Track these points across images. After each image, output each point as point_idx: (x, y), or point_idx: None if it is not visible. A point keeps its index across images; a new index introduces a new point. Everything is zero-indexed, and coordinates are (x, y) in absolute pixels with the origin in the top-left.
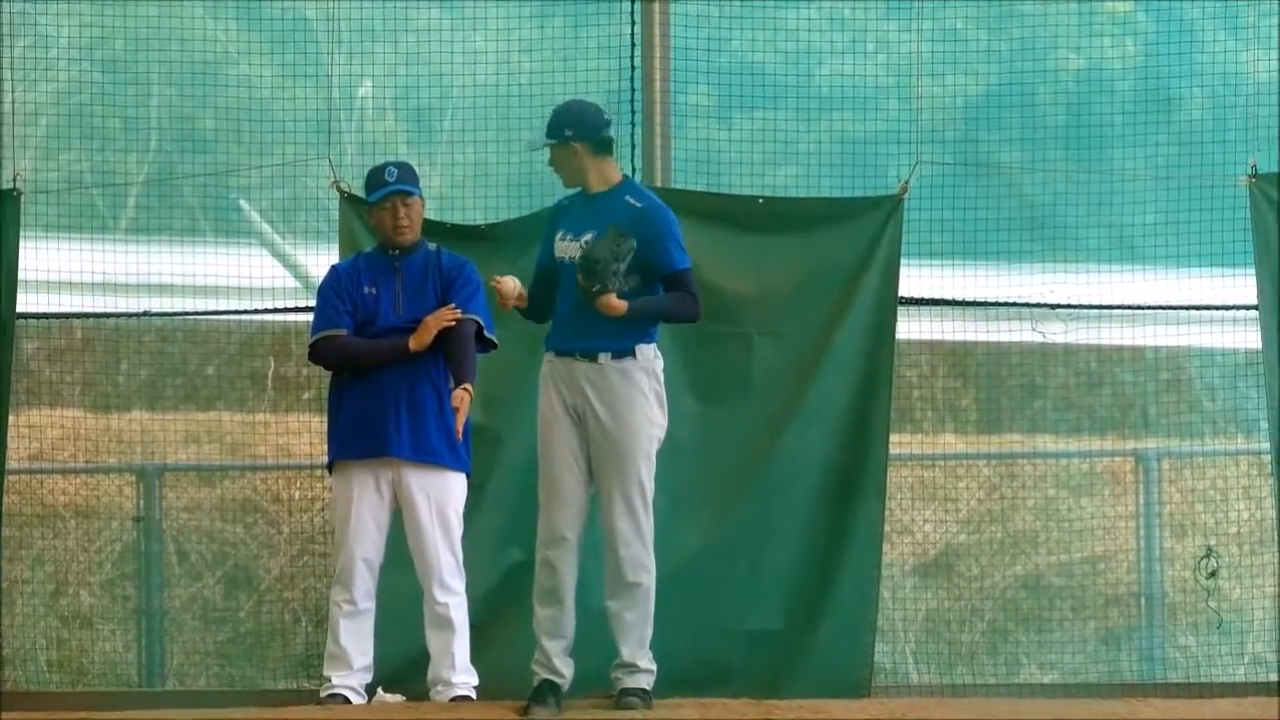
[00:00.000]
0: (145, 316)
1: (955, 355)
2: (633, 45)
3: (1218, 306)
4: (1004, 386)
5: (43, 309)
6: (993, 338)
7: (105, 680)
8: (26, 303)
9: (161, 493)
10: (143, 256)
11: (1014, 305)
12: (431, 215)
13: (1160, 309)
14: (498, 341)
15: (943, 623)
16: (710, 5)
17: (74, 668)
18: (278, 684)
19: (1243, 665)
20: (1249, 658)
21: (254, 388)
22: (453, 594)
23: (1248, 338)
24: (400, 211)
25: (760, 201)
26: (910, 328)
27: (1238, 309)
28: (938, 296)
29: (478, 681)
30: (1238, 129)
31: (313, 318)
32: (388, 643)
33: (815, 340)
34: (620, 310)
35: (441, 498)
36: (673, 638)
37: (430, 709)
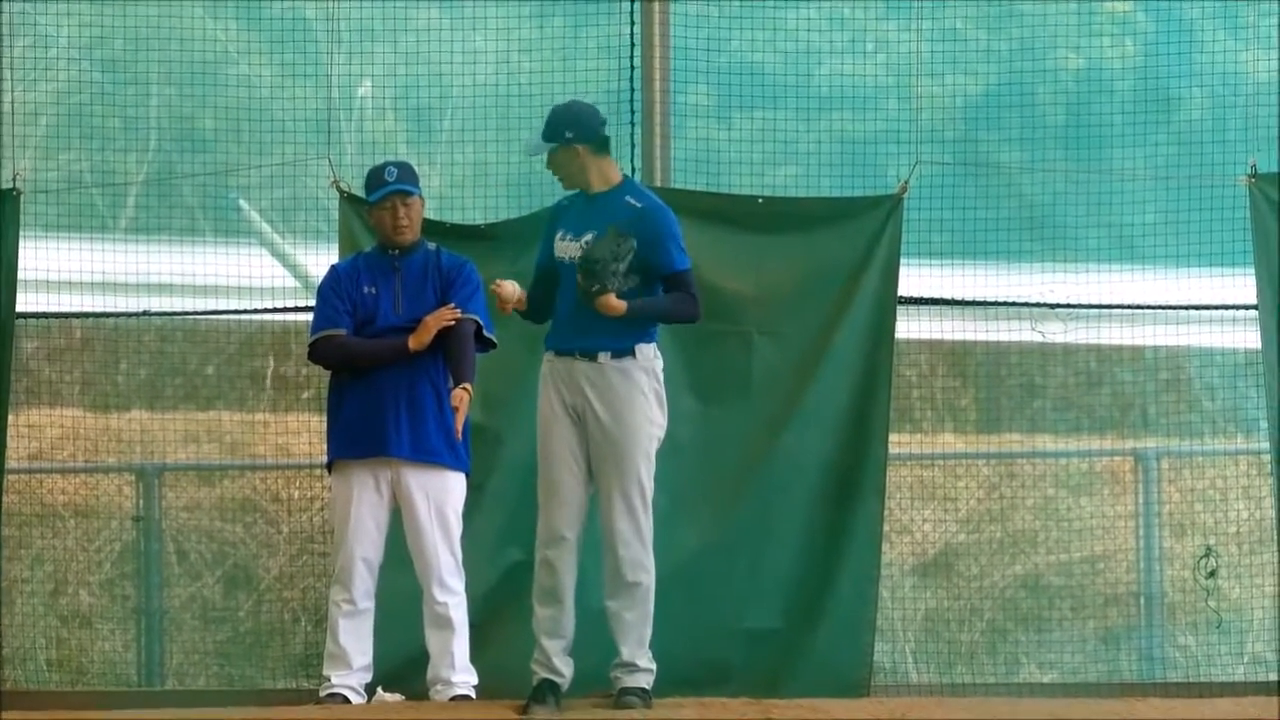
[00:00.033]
0: (145, 316)
1: (954, 355)
2: (632, 45)
3: (1217, 306)
4: (1003, 386)
5: (42, 308)
6: (992, 337)
7: (105, 680)
8: (26, 302)
9: (161, 492)
10: (142, 256)
11: (1013, 305)
12: (431, 215)
13: (1160, 309)
14: (497, 341)
15: (942, 622)
16: (710, 5)
17: (73, 667)
18: (277, 684)
19: (1242, 665)
20: (1248, 657)
21: (253, 387)
22: (452, 593)
23: (1247, 338)
24: (400, 211)
25: (760, 201)
26: (910, 327)
27: (1237, 309)
28: (937, 296)
29: (477, 681)
30: (1237, 129)
31: (312, 317)
32: (387, 642)
33: (815, 340)
34: (620, 310)
35: (441, 497)
36: (672, 637)
37: (430, 708)
